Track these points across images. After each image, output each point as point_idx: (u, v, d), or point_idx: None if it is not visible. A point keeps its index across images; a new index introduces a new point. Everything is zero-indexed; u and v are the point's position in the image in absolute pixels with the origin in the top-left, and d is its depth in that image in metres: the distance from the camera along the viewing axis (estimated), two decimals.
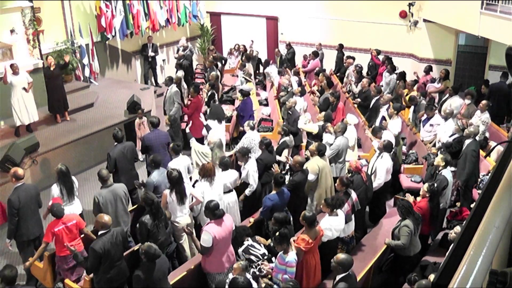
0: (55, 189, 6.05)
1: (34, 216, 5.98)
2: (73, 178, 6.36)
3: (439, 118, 8.33)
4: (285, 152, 7.62)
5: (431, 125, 8.42)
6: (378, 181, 6.71)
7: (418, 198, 6.22)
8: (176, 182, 5.79)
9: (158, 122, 7.86)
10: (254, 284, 4.68)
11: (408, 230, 5.34)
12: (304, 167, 6.51)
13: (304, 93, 10.08)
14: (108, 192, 5.88)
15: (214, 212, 5.07)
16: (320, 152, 6.64)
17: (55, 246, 5.48)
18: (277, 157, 7.37)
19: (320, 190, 6.58)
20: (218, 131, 8.13)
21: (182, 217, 5.95)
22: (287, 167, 7.40)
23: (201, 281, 5.33)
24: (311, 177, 6.47)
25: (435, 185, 6.04)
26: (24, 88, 8.54)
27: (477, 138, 7.23)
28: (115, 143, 7.13)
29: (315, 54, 12.74)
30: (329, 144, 7.38)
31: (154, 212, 5.28)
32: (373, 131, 7.79)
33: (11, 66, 8.45)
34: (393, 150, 7.09)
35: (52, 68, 9.28)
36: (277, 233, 4.86)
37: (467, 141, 7.14)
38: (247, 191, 6.60)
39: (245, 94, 9.57)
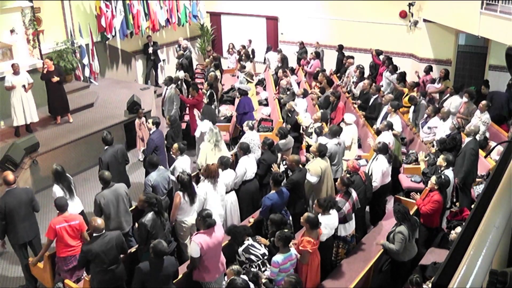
0: (58, 189, 5.99)
1: (24, 221, 5.87)
2: (70, 177, 6.33)
3: (437, 120, 8.33)
4: (278, 156, 7.56)
5: (429, 127, 8.43)
6: (373, 184, 6.68)
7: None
8: (188, 186, 5.83)
9: (159, 122, 7.93)
10: (252, 286, 4.67)
11: (402, 237, 5.25)
12: (306, 168, 6.51)
13: (307, 95, 10.07)
14: (109, 193, 5.84)
15: (205, 219, 4.95)
16: (321, 153, 6.63)
17: (56, 246, 5.46)
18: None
19: (323, 192, 6.56)
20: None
21: (190, 217, 5.98)
22: (282, 168, 7.35)
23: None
24: (313, 179, 6.45)
25: (443, 177, 6.02)
26: (24, 87, 8.52)
27: (477, 137, 7.23)
28: (106, 147, 7.05)
29: (317, 55, 12.73)
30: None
31: (157, 211, 5.25)
32: (386, 126, 7.71)
33: (12, 66, 8.45)
34: (388, 152, 7.05)
35: (50, 70, 9.16)
36: (284, 236, 4.85)
37: (467, 139, 7.15)
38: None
39: (242, 93, 9.58)
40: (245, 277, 4.66)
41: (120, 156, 7.11)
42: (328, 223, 5.42)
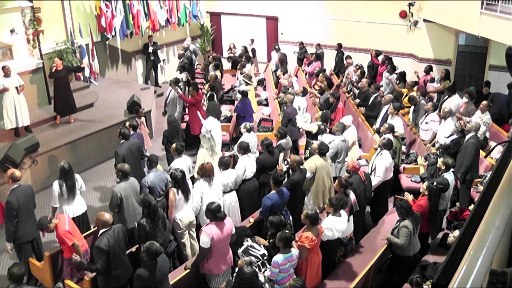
0: (56, 186, 6.03)
1: (31, 217, 5.96)
2: (77, 176, 6.33)
3: (435, 115, 8.34)
4: (281, 155, 7.58)
5: (426, 122, 8.44)
6: (377, 179, 6.69)
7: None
8: (181, 182, 5.88)
9: (137, 126, 7.90)
10: (260, 275, 4.69)
11: (407, 231, 5.29)
12: (303, 165, 6.51)
13: (306, 93, 10.09)
14: (127, 185, 5.95)
15: (215, 214, 5.04)
16: (321, 151, 6.64)
17: (63, 249, 5.40)
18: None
19: (316, 190, 6.57)
20: (214, 126, 8.14)
21: (186, 214, 6.00)
22: (285, 168, 7.38)
23: (201, 281, 5.33)
24: (307, 174, 6.48)
25: (434, 183, 6.03)
26: (16, 88, 8.46)
27: (478, 134, 7.24)
28: (122, 141, 7.12)
29: (318, 56, 12.72)
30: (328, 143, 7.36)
31: (151, 216, 5.26)
32: (387, 129, 7.69)
33: (3, 68, 8.38)
34: (392, 148, 7.07)
35: (59, 69, 9.19)
36: (285, 236, 4.86)
37: (468, 135, 7.16)
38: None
39: (245, 94, 9.60)
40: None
41: (136, 151, 7.14)
42: (336, 225, 5.39)
